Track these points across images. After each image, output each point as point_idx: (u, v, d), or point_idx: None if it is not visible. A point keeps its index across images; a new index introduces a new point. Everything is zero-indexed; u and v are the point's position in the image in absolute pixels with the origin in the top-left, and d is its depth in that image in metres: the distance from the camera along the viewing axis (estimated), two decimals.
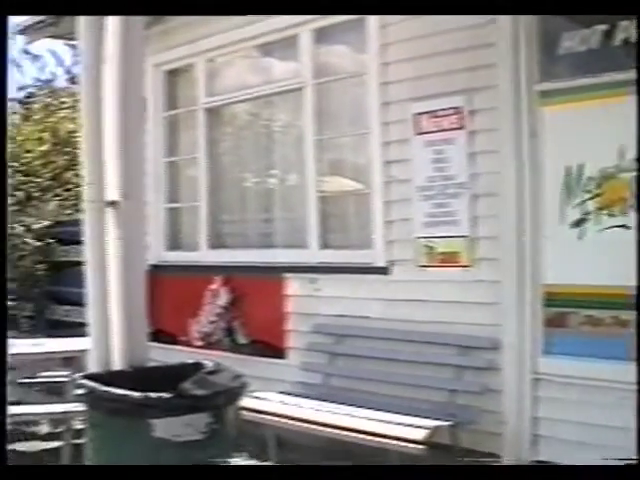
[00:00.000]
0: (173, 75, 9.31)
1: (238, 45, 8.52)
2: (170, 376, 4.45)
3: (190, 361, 4.86)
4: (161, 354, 6.05)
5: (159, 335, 8.23)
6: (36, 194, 13.66)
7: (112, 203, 4.63)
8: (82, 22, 4.84)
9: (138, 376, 4.56)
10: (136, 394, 4.19)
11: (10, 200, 13.24)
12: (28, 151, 13.74)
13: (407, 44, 6.92)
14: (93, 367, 4.74)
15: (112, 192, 4.63)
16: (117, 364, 4.67)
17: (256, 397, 6.81)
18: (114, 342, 4.65)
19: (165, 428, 4.17)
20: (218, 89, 8.84)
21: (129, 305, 4.66)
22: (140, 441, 4.23)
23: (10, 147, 13.60)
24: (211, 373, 4.52)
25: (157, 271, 8.16)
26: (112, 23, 4.69)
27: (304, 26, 7.70)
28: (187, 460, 4.25)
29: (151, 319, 5.11)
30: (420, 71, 6.82)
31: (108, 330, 4.67)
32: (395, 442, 5.98)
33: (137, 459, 4.24)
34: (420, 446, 5.86)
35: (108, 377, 4.49)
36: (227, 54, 8.78)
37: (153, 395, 4.20)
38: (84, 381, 4.45)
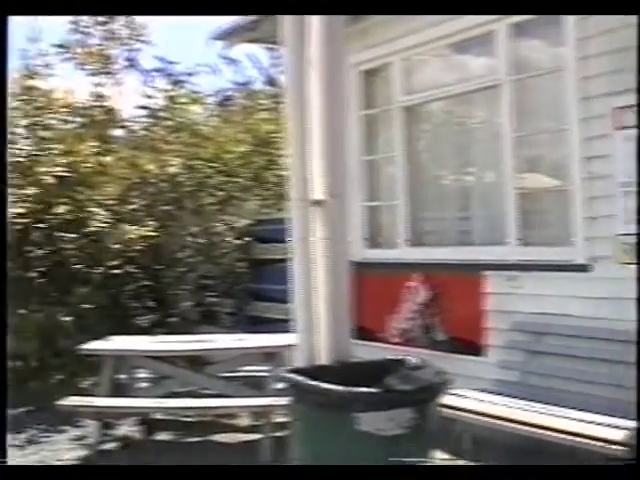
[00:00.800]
0: (369, 74, 9.40)
1: (433, 43, 8.55)
2: (373, 371, 4.55)
3: (393, 357, 4.94)
4: (361, 350, 6.14)
5: (359, 331, 8.34)
6: (236, 194, 13.89)
7: (318, 202, 4.75)
8: (286, 24, 4.99)
9: (342, 371, 4.67)
10: (342, 388, 4.29)
11: (212, 199, 13.60)
12: (228, 152, 13.99)
13: (606, 36, 6.79)
14: (299, 362, 4.87)
15: (318, 191, 4.75)
16: (322, 359, 4.79)
17: (454, 394, 6.83)
18: (319, 338, 4.77)
19: (370, 422, 4.25)
20: (414, 87, 8.88)
21: (334, 302, 4.76)
22: (345, 434, 4.33)
23: (211, 149, 13.98)
24: (415, 369, 4.59)
25: (358, 268, 8.25)
26: (315, 24, 4.82)
27: (500, 22, 7.65)
28: (389, 454, 4.33)
29: (352, 316, 5.21)
30: (621, 64, 6.67)
31: (313, 326, 4.80)
32: (593, 442, 5.89)
33: (341, 452, 4.34)
34: (619, 447, 5.75)
35: (313, 372, 4.61)
36: (422, 52, 8.81)
37: (359, 390, 4.29)
38: (291, 375, 4.59)
